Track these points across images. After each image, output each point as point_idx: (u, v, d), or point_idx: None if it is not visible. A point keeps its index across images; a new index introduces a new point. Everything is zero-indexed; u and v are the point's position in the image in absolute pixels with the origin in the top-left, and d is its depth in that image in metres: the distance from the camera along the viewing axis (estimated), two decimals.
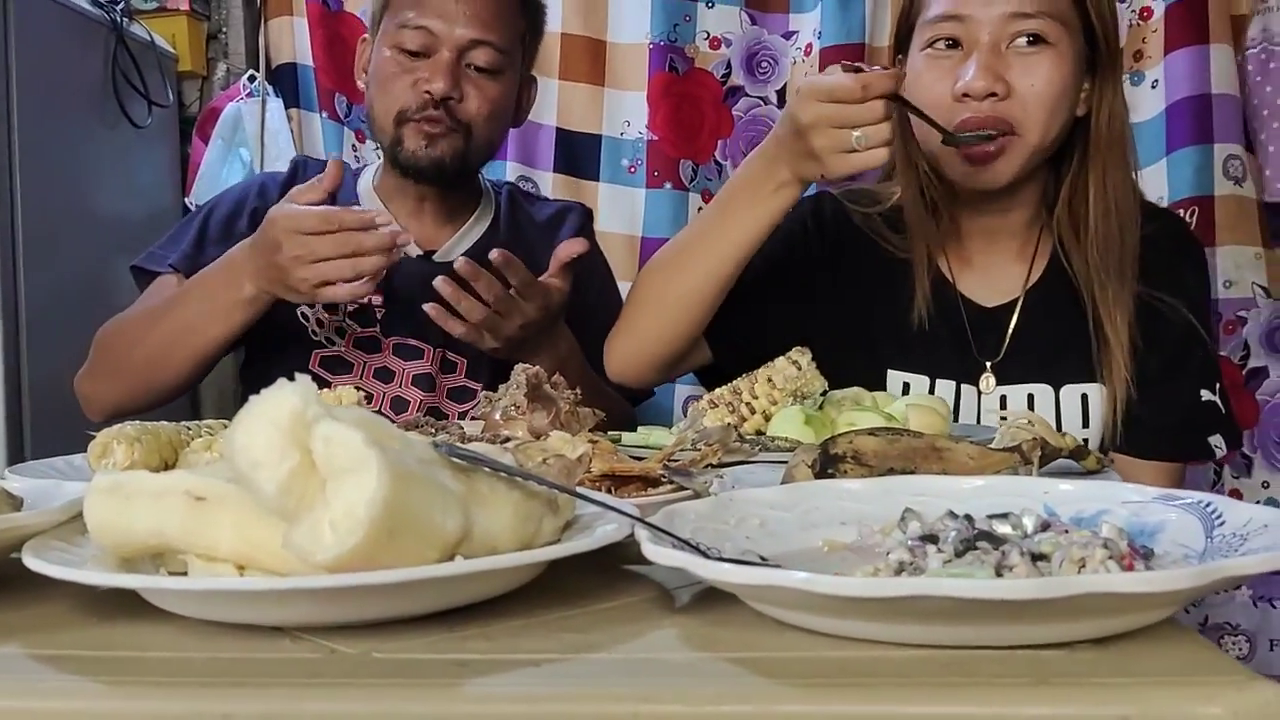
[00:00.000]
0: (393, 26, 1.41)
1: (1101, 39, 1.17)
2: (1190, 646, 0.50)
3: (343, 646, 0.53)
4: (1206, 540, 0.59)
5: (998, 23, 1.13)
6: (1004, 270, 1.27)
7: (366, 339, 1.45)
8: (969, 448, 0.78)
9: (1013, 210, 1.25)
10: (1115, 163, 1.19)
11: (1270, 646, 2.10)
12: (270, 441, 0.52)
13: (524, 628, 0.56)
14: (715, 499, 0.70)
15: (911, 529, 0.62)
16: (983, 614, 0.48)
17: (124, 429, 0.80)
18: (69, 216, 1.96)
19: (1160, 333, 1.23)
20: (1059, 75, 1.14)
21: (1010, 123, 1.14)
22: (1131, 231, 1.20)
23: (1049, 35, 1.13)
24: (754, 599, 0.55)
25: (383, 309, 1.45)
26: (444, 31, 1.38)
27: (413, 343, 1.45)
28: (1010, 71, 1.13)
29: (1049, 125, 1.16)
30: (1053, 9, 1.14)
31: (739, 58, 2.19)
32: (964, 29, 1.15)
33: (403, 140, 1.41)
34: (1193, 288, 1.25)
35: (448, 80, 1.37)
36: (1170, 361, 1.23)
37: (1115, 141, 1.19)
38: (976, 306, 1.28)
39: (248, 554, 0.56)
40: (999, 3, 1.13)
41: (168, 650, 0.54)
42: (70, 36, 1.97)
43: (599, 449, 0.81)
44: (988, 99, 1.14)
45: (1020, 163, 1.17)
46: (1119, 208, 1.19)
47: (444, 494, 0.56)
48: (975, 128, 1.14)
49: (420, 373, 1.44)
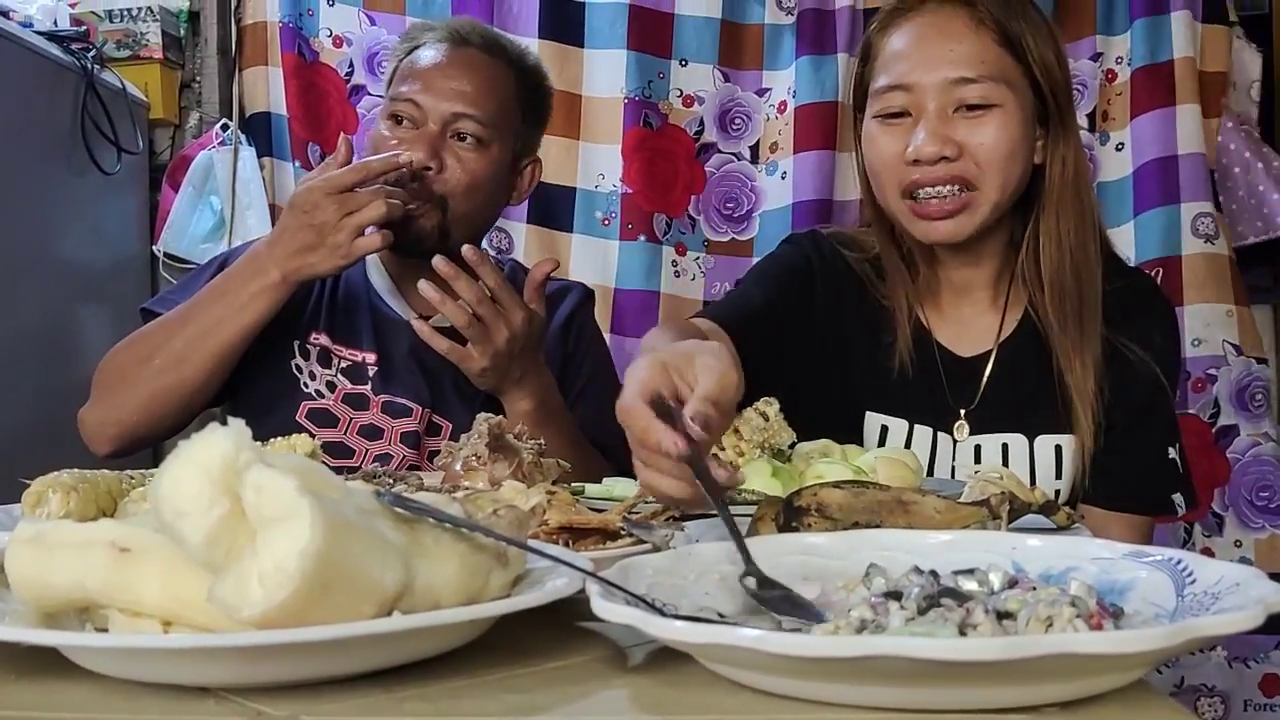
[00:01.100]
0: (389, 98, 1.44)
1: (1049, 93, 1.18)
2: (1161, 710, 0.48)
3: (270, 709, 0.50)
4: (1178, 599, 0.57)
5: (941, 89, 1.16)
6: (978, 321, 1.28)
7: (356, 395, 1.44)
8: (936, 501, 0.76)
9: (982, 262, 1.26)
10: (1068, 210, 1.20)
11: (1244, 707, 2.07)
12: (198, 489, 0.50)
13: (465, 688, 0.53)
14: (674, 553, 0.67)
15: (876, 585, 0.60)
16: (945, 675, 0.46)
17: (60, 477, 0.77)
18: (33, 262, 1.94)
19: (1128, 384, 1.23)
20: (1006, 134, 1.16)
21: (967, 179, 1.16)
22: (1090, 280, 1.20)
23: (992, 97, 1.15)
24: (707, 658, 0.52)
25: (375, 367, 1.46)
26: (430, 104, 1.40)
27: (402, 401, 1.44)
28: (959, 133, 1.15)
29: (1005, 180, 1.17)
30: (994, 72, 1.16)
31: (712, 114, 2.20)
32: (911, 98, 1.17)
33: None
34: (1159, 345, 1.25)
35: (425, 150, 1.38)
36: (1138, 413, 1.23)
37: (1068, 189, 1.20)
38: (952, 355, 1.28)
39: (174, 610, 0.53)
40: (942, 70, 1.16)
41: (86, 711, 0.51)
42: (40, 83, 1.96)
43: (556, 500, 0.78)
44: (940, 162, 1.16)
45: (981, 217, 1.18)
46: (1074, 255, 1.20)
47: (383, 546, 0.53)
48: (928, 185, 1.16)
49: (408, 430, 1.43)
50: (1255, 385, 2.07)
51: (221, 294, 1.34)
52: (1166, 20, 2.09)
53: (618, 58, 2.16)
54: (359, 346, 1.46)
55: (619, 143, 2.17)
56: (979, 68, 1.15)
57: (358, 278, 1.52)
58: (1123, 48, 2.12)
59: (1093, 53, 2.10)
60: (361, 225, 1.28)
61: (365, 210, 1.28)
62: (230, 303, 1.32)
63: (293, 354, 1.45)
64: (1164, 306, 1.32)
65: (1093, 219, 1.21)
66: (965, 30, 1.16)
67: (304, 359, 1.45)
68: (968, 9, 1.17)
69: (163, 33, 2.21)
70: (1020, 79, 1.17)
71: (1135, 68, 2.10)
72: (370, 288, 1.51)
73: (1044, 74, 1.18)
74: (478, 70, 1.44)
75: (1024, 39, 1.17)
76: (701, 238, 2.20)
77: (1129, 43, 2.11)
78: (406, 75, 1.44)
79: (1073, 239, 1.19)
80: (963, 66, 1.15)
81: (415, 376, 1.45)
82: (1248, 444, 2.07)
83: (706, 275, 2.18)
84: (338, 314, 1.49)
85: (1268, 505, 2.07)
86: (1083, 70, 2.10)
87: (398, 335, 1.47)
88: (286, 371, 1.44)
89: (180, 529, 0.50)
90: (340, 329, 1.47)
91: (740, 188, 2.21)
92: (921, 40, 1.18)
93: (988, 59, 1.16)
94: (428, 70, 1.43)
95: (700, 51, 2.19)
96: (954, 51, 1.16)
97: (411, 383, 1.45)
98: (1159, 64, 2.09)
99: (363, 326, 1.48)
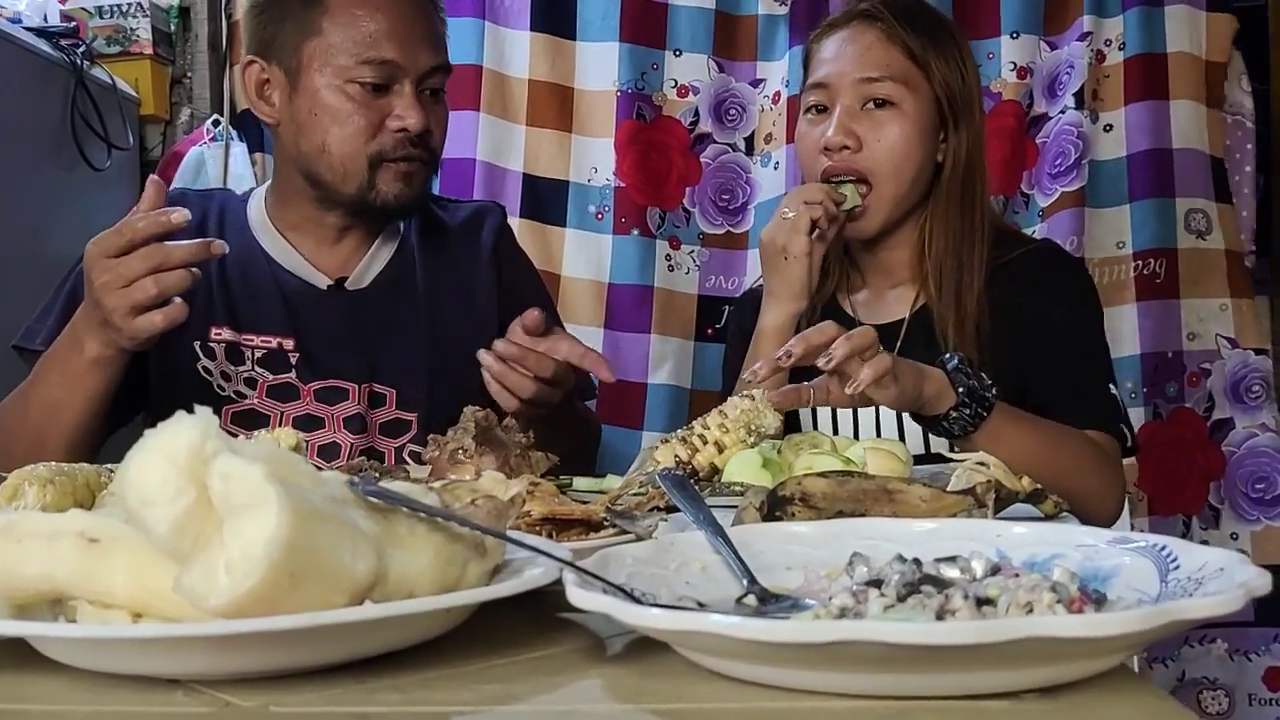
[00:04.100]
0: (340, 56, 1.29)
1: (945, 100, 1.37)
2: (1142, 696, 0.47)
3: (238, 700, 0.49)
4: (1161, 584, 0.56)
5: (850, 86, 1.35)
6: (894, 295, 1.43)
7: (281, 386, 1.32)
8: (922, 490, 0.75)
9: (896, 249, 1.41)
10: (954, 203, 1.37)
11: (1249, 701, 2.06)
12: (164, 477, 0.49)
13: (439, 679, 0.52)
14: (656, 543, 0.67)
15: (859, 574, 0.59)
16: (923, 661, 0.45)
17: (36, 470, 0.76)
18: (21, 258, 1.93)
19: (1040, 333, 1.32)
20: (903, 132, 1.34)
21: (863, 172, 1.34)
22: (970, 261, 1.35)
23: (894, 96, 1.35)
24: (682, 645, 0.52)
25: (296, 353, 1.32)
26: (407, 61, 1.29)
27: (334, 384, 1.32)
28: (862, 128, 1.34)
29: (900, 174, 1.35)
30: (897, 74, 1.35)
31: (707, 105, 2.19)
32: (828, 94, 1.37)
33: (376, 184, 1.31)
34: (1064, 292, 1.36)
35: (420, 115, 1.29)
36: (1057, 355, 1.32)
37: (956, 185, 1.37)
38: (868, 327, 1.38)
39: (144, 600, 0.52)
40: (851, 70, 1.36)
41: (52, 703, 0.50)
42: (30, 79, 1.95)
43: (539, 491, 0.77)
44: (843, 151, 1.34)
45: (885, 211, 1.35)
46: (957, 241, 1.36)
47: (355, 534, 0.52)
48: (836, 174, 1.34)
49: (350, 414, 1.32)
50: (1252, 377, 2.06)
51: (55, 370, 1.18)
52: (1161, 13, 2.08)
53: (610, 50, 2.14)
54: (271, 331, 1.32)
55: (612, 136, 2.15)
56: (884, 69, 1.35)
57: (249, 250, 1.36)
58: (1114, 31, 2.10)
59: (1081, 33, 2.08)
60: (135, 306, 1.08)
61: (133, 289, 1.07)
62: (63, 383, 1.17)
63: (195, 356, 1.31)
64: (1071, 261, 1.51)
65: (981, 212, 1.38)
66: (877, 41, 1.36)
67: (209, 359, 1.31)
68: (882, 24, 1.37)
69: (153, 28, 2.20)
70: (923, 85, 1.36)
71: (1129, 55, 2.09)
72: (269, 259, 1.37)
73: (943, 83, 1.37)
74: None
75: (928, 53, 1.36)
76: (696, 230, 2.19)
77: (1121, 28, 2.09)
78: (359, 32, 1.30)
79: (959, 227, 1.36)
80: (870, 68, 1.35)
81: (344, 351, 1.33)
82: (1244, 436, 2.06)
83: (701, 269, 2.17)
84: (236, 299, 1.33)
85: (1264, 497, 2.05)
86: (1072, 52, 2.09)
87: (315, 308, 1.33)
88: (194, 377, 1.30)
89: (147, 518, 0.49)
90: (245, 316, 1.33)
91: (735, 179, 2.20)
92: (841, 48, 1.38)
93: (893, 64, 1.35)
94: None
95: (694, 42, 2.17)
96: (864, 57, 1.36)
97: (342, 359, 1.33)
98: (1153, 55, 2.08)
99: (270, 307, 1.33)
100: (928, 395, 1.03)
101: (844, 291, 1.46)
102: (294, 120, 1.33)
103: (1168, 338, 2.06)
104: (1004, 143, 2.07)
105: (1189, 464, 2.05)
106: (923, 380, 1.02)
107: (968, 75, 1.40)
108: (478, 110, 2.13)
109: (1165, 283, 2.06)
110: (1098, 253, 2.07)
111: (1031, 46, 2.11)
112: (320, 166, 1.32)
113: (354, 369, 1.33)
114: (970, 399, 1.04)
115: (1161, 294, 2.06)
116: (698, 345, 2.15)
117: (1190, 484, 2.05)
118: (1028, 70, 2.11)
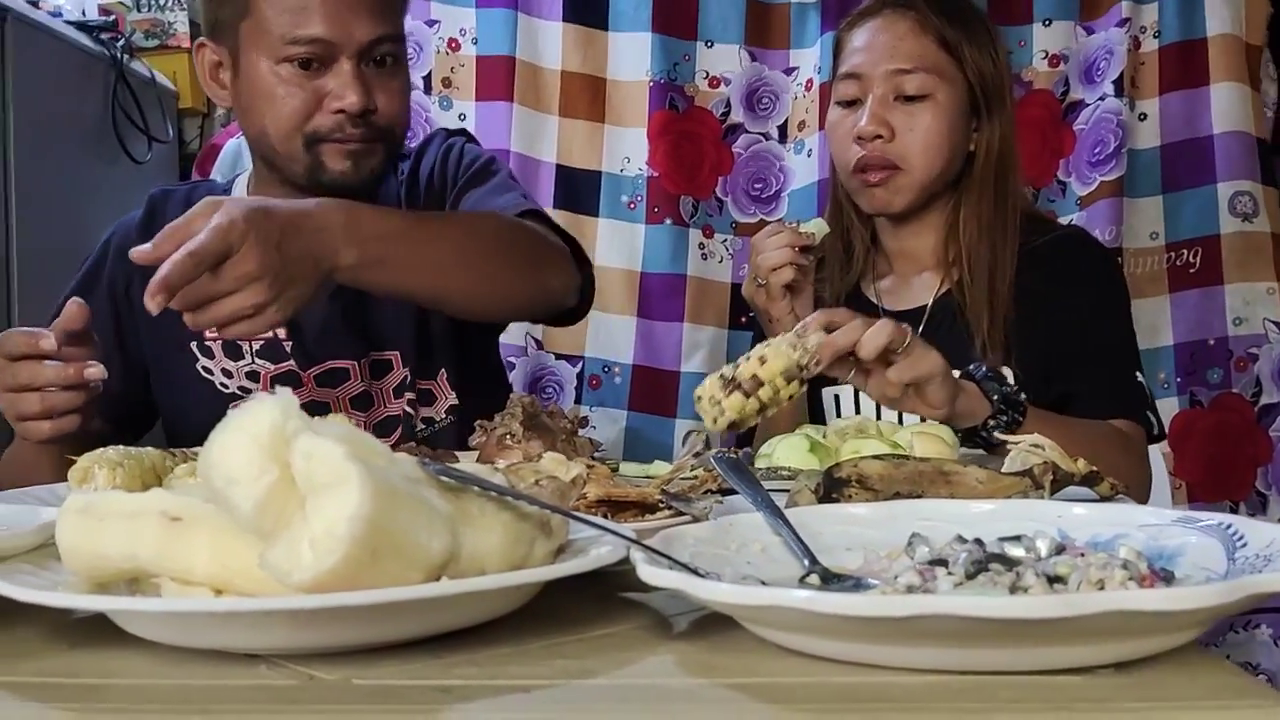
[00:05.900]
0: (270, 36, 1.22)
1: (978, 89, 1.38)
2: (1214, 671, 0.47)
3: (321, 673, 0.50)
4: (1229, 562, 0.56)
5: (883, 78, 1.36)
6: (919, 281, 1.44)
7: (284, 376, 1.30)
8: (978, 471, 0.75)
9: (924, 233, 1.43)
10: (989, 192, 1.38)
11: None
12: (248, 457, 0.50)
13: (513, 654, 0.53)
14: (715, 523, 0.67)
15: (919, 554, 0.59)
16: (997, 636, 0.46)
17: (105, 453, 0.77)
18: (65, 252, 1.95)
19: (1067, 318, 1.33)
20: (936, 122, 1.36)
21: (895, 161, 1.35)
22: (1003, 247, 1.36)
23: (927, 88, 1.36)
24: (754, 621, 0.52)
25: (288, 341, 1.30)
26: (341, 37, 1.21)
27: (333, 364, 1.30)
28: (895, 118, 1.36)
29: (931, 163, 1.36)
30: (931, 66, 1.36)
31: (739, 94, 2.19)
32: (860, 85, 1.38)
33: (322, 163, 1.25)
34: (1090, 278, 1.37)
35: (359, 94, 1.21)
36: (1081, 343, 1.32)
37: (990, 173, 1.38)
38: (889, 313, 1.40)
39: (225, 577, 0.53)
40: (884, 62, 1.37)
41: (136, 677, 0.51)
42: (70, 73, 1.98)
43: (595, 474, 0.78)
44: (876, 140, 1.35)
45: (911, 194, 1.37)
46: (990, 231, 1.37)
47: (430, 513, 0.53)
48: (869, 164, 1.36)
49: (356, 394, 1.30)
50: None
51: (17, 446, 1.14)
52: None
53: (642, 40, 2.15)
54: None
55: (644, 126, 2.16)
56: (918, 61, 1.36)
57: None
58: (1149, 18, 2.08)
59: (1119, 19, 2.07)
60: (19, 415, 1.03)
61: (17, 399, 1.02)
62: (27, 444, 1.10)
63: (194, 358, 1.30)
64: (1095, 247, 1.49)
65: (1014, 198, 1.39)
66: (910, 31, 1.37)
67: (207, 358, 1.30)
68: (915, 14, 1.37)
69: (190, 22, 2.22)
70: (956, 74, 1.37)
71: (1165, 43, 2.07)
72: None
73: (977, 73, 1.38)
74: None
75: (961, 43, 1.37)
76: (729, 219, 2.19)
77: (1157, 15, 2.08)
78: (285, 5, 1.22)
79: (991, 216, 1.37)
80: (903, 59, 1.36)
81: (336, 330, 1.30)
82: None
83: (734, 258, 2.18)
84: None
85: None
86: (1110, 38, 2.08)
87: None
88: (196, 379, 1.29)
89: (231, 496, 0.50)
90: None
91: (768, 168, 2.20)
92: (874, 37, 1.38)
93: (926, 55, 1.36)
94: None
95: (726, 32, 2.17)
96: (898, 48, 1.36)
97: (337, 339, 1.30)
98: (1192, 41, 2.06)
99: None
100: (961, 410, 1.03)
101: (869, 278, 1.47)
102: (239, 103, 1.29)
103: (1208, 325, 2.04)
104: (1035, 134, 2.06)
105: (1236, 450, 2.03)
106: (958, 392, 1.02)
107: (999, 62, 1.40)
108: (511, 101, 2.14)
109: (1201, 271, 2.04)
110: (1134, 243, 2.06)
111: (1066, 32, 2.10)
112: (265, 149, 1.29)
113: (352, 346, 1.31)
114: (1006, 405, 1.05)
115: (1197, 283, 2.04)
116: (731, 334, 2.15)
117: (1237, 470, 2.04)
118: (1060, 58, 2.10)
